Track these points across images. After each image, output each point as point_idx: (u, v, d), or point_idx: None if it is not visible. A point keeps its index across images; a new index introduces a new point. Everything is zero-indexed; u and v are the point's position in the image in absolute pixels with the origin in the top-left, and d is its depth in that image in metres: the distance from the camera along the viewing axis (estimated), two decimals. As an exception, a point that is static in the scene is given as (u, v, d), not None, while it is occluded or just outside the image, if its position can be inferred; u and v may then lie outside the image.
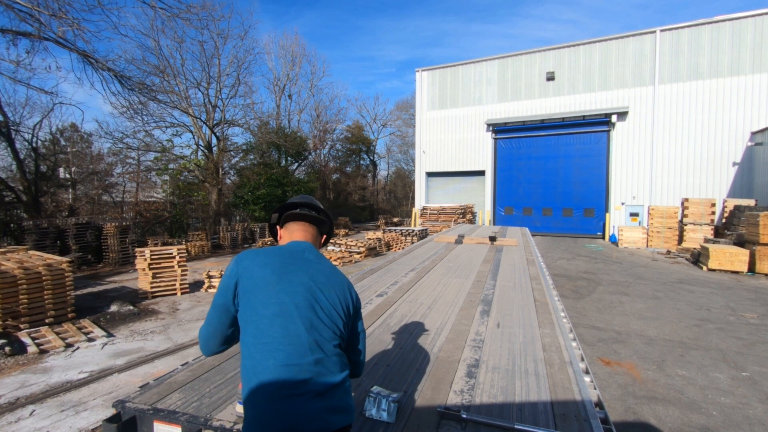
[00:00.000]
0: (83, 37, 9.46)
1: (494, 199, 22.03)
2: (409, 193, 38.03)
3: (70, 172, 18.44)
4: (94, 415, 3.85)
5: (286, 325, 1.23)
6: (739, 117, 16.57)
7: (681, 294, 8.62)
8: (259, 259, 1.33)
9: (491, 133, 21.87)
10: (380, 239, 15.41)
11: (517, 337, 2.52)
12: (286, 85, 30.68)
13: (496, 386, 1.87)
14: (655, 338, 5.93)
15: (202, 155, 20.59)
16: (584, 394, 1.79)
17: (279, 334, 1.22)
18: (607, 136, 19.16)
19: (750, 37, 16.40)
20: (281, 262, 1.33)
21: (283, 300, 1.26)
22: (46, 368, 4.96)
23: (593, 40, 19.43)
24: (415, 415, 1.62)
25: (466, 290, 3.77)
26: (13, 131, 14.26)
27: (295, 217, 1.53)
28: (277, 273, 1.30)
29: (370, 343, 2.43)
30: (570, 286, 9.34)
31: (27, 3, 8.66)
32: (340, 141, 37.12)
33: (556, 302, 3.41)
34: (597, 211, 19.66)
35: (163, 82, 16.62)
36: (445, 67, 23.29)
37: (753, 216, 11.46)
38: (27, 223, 11.90)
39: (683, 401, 4.11)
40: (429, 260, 5.52)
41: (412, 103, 34.47)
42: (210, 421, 1.54)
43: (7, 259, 6.93)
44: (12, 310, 6.11)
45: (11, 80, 11.21)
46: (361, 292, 3.72)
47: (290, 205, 1.55)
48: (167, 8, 9.80)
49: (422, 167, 24.09)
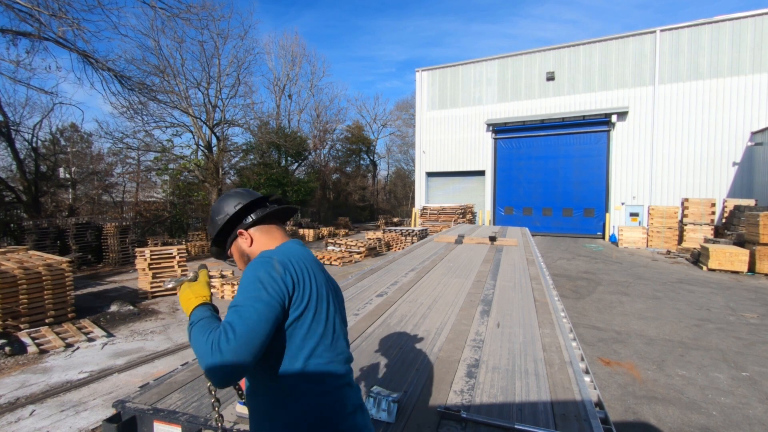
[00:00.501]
0: (83, 37, 9.46)
1: (494, 199, 22.03)
2: (409, 193, 38.03)
3: (70, 172, 18.44)
4: (94, 415, 3.84)
5: (343, 343, 1.17)
6: (739, 117, 16.57)
7: (681, 294, 8.62)
8: (305, 264, 1.13)
9: (491, 133, 21.87)
10: (380, 239, 15.41)
11: (517, 337, 2.52)
12: (286, 85, 30.70)
13: (496, 386, 1.87)
14: (655, 338, 5.93)
15: (202, 155, 20.59)
16: (584, 394, 1.79)
17: (344, 352, 1.16)
18: (607, 136, 19.16)
19: (750, 37, 16.40)
20: (319, 267, 1.19)
21: (335, 314, 1.16)
22: (46, 368, 4.96)
23: (593, 40, 19.43)
24: (415, 415, 1.62)
25: (466, 290, 3.77)
26: (13, 131, 14.27)
27: (274, 215, 1.28)
28: (324, 283, 1.16)
29: (370, 343, 2.43)
30: (570, 286, 9.34)
31: (27, 3, 8.65)
32: (340, 141, 37.14)
33: (556, 302, 3.41)
34: (597, 211, 19.66)
35: (163, 82, 16.61)
36: (445, 67, 23.29)
37: (753, 216, 11.46)
38: (27, 223, 11.90)
39: (683, 401, 4.11)
40: (429, 260, 5.51)
41: (412, 103, 34.49)
42: (210, 421, 1.54)
43: (7, 259, 6.93)
44: (12, 310, 6.11)
45: (11, 80, 11.21)
46: (361, 292, 3.72)
47: (260, 200, 1.27)
48: (167, 8, 9.80)
49: (422, 167, 24.09)
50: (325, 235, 20.33)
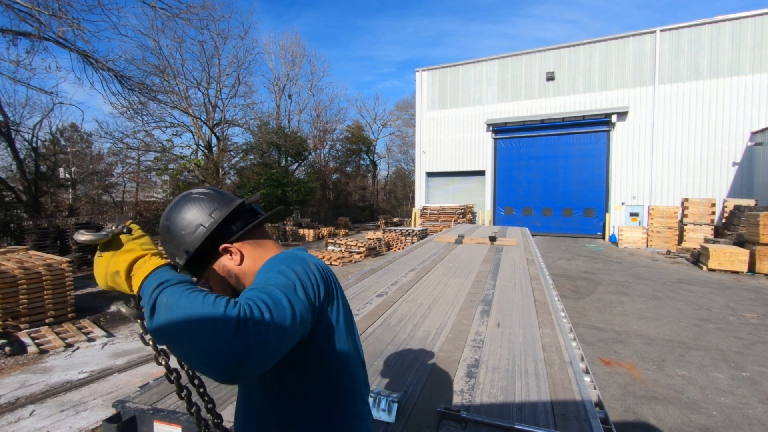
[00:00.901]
0: (83, 37, 9.47)
1: (494, 199, 22.04)
2: (409, 193, 38.03)
3: (70, 172, 18.44)
4: (94, 415, 3.84)
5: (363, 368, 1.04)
6: (739, 117, 16.57)
7: (681, 294, 8.62)
8: (333, 278, 0.96)
9: (491, 133, 21.87)
10: (380, 239, 15.41)
11: (517, 337, 2.52)
12: (286, 85, 30.71)
13: (496, 386, 1.87)
14: (655, 338, 5.93)
15: (202, 155, 20.62)
16: (584, 394, 1.78)
17: (364, 375, 1.03)
18: (607, 136, 19.16)
19: (750, 37, 16.40)
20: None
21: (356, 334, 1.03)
22: (46, 368, 4.96)
23: (593, 40, 19.43)
24: (415, 415, 1.61)
25: (466, 290, 3.77)
26: (13, 131, 14.27)
27: (260, 224, 0.98)
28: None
29: (370, 343, 2.43)
30: (570, 286, 9.34)
31: (27, 3, 8.66)
32: (340, 141, 37.15)
33: (556, 302, 3.41)
34: (597, 211, 19.66)
35: (163, 82, 16.65)
36: (445, 67, 23.29)
37: (753, 216, 11.46)
38: (27, 223, 11.90)
39: (683, 401, 4.11)
40: (429, 260, 5.52)
41: (412, 103, 34.48)
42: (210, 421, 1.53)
43: (7, 259, 6.93)
44: (12, 310, 6.11)
45: (11, 80, 11.23)
46: (361, 292, 3.72)
47: (243, 210, 0.96)
48: (167, 8, 9.81)
49: (422, 167, 24.09)
50: (325, 235, 20.33)
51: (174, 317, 0.67)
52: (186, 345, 0.66)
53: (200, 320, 0.65)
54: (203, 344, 0.64)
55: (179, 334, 0.67)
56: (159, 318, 0.70)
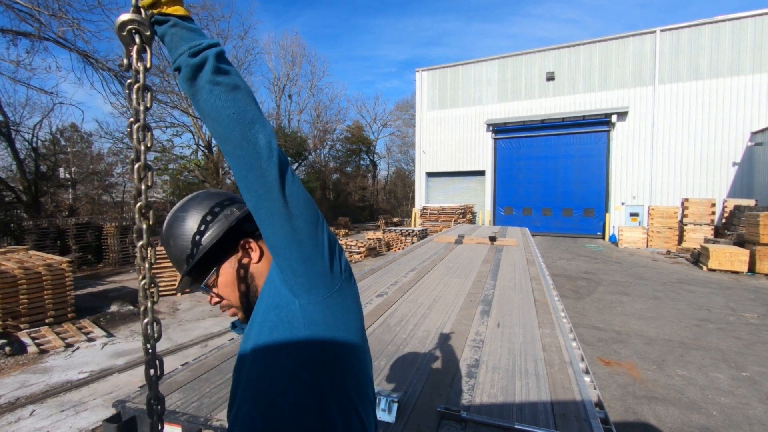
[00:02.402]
0: (83, 37, 9.46)
1: (494, 199, 22.04)
2: (409, 193, 38.02)
3: (70, 172, 18.45)
4: (94, 415, 3.85)
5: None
6: (739, 117, 16.57)
7: (681, 294, 8.62)
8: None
9: (491, 133, 21.87)
10: (380, 239, 15.41)
11: (517, 337, 2.52)
12: (286, 85, 30.72)
13: (496, 386, 1.87)
14: (655, 338, 5.93)
15: (202, 155, 20.61)
16: (584, 394, 1.78)
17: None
18: (607, 136, 19.16)
19: (750, 37, 16.41)
20: None
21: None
22: (46, 368, 4.96)
23: (593, 40, 19.43)
24: (415, 415, 1.62)
25: (466, 290, 3.77)
26: (13, 131, 14.28)
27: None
28: None
29: (370, 343, 2.43)
30: (570, 286, 9.34)
31: (27, 3, 8.65)
32: (340, 141, 37.15)
33: (556, 302, 3.41)
34: (597, 211, 19.67)
35: (162, 82, 16.61)
36: (445, 67, 23.29)
37: (753, 216, 11.47)
38: (27, 223, 11.90)
39: (683, 401, 4.11)
40: (429, 260, 5.51)
41: (412, 103, 34.47)
42: (210, 421, 1.53)
43: (7, 259, 6.93)
44: (12, 310, 6.11)
45: (11, 80, 11.22)
46: (361, 292, 3.72)
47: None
48: (167, 8, 9.78)
49: (422, 167, 24.09)
50: (325, 235, 20.27)
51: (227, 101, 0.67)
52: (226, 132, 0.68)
53: (239, 108, 0.67)
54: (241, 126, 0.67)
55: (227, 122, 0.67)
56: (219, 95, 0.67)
